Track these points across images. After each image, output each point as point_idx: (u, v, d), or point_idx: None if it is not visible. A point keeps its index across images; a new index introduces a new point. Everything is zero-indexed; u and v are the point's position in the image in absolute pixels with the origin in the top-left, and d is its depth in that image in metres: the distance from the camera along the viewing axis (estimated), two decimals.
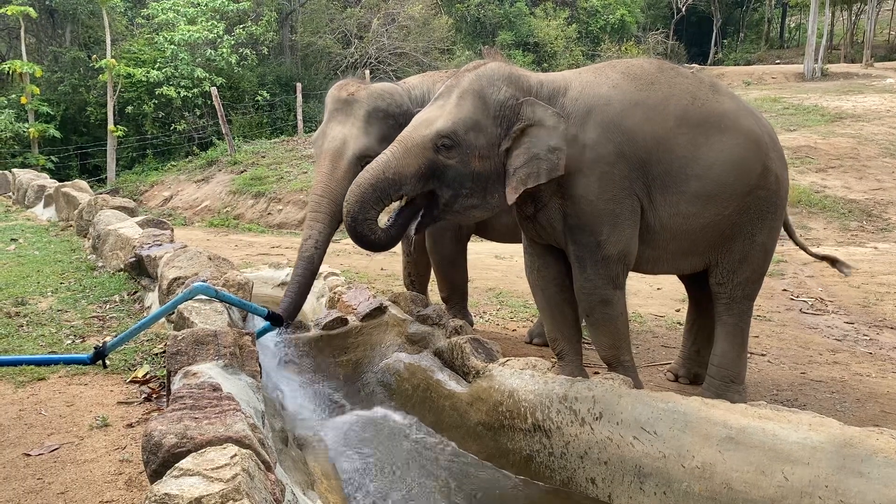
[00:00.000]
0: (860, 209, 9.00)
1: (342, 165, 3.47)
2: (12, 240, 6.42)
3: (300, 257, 3.48)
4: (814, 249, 3.72)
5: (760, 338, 4.59)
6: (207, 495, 1.53)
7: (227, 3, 16.49)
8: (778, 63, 26.81)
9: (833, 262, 3.67)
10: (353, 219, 2.90)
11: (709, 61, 29.86)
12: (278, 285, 4.64)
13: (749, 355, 3.68)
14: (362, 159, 3.46)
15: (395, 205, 3.09)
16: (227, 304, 3.19)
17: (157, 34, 16.09)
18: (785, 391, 3.71)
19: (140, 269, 4.42)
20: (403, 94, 3.69)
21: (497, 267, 6.72)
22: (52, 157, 14.73)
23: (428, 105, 3.05)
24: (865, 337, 4.80)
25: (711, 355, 3.37)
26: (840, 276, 6.37)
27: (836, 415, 3.27)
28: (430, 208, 2.99)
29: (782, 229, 3.42)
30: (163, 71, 15.28)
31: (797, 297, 5.83)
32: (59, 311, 3.96)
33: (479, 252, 7.12)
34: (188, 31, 15.59)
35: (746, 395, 3.33)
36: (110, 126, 14.76)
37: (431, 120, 2.91)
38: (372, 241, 2.97)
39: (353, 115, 3.55)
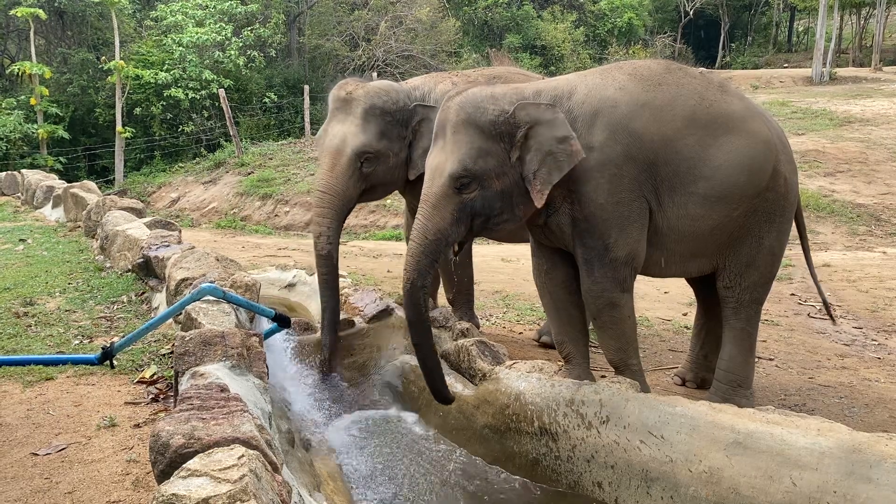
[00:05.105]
0: (869, 214, 8.94)
1: (342, 162, 3.57)
2: (21, 240, 6.45)
3: (318, 256, 3.56)
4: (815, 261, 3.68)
5: (768, 342, 4.57)
6: (215, 496, 1.53)
7: (235, 5, 16.54)
8: (786, 67, 26.72)
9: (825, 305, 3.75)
10: (411, 285, 2.92)
11: (716, 65, 29.78)
12: (285, 287, 4.65)
13: (757, 360, 3.66)
14: (361, 156, 3.59)
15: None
16: (235, 306, 3.20)
17: (166, 36, 16.15)
18: (793, 396, 3.69)
19: (148, 269, 4.43)
20: (401, 91, 3.77)
21: (503, 269, 6.71)
22: (61, 158, 14.78)
23: (430, 150, 3.07)
24: (874, 342, 4.78)
25: (719, 359, 3.35)
26: (848, 281, 6.40)
27: (845, 420, 3.25)
28: None
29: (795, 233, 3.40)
30: (171, 73, 15.32)
31: (805, 301, 5.80)
32: (66, 311, 3.97)
33: (486, 255, 7.11)
34: (196, 33, 15.63)
35: (754, 399, 3.31)
36: (118, 127, 14.80)
37: (441, 167, 2.93)
38: (422, 315, 2.96)
39: (351, 112, 3.64)
